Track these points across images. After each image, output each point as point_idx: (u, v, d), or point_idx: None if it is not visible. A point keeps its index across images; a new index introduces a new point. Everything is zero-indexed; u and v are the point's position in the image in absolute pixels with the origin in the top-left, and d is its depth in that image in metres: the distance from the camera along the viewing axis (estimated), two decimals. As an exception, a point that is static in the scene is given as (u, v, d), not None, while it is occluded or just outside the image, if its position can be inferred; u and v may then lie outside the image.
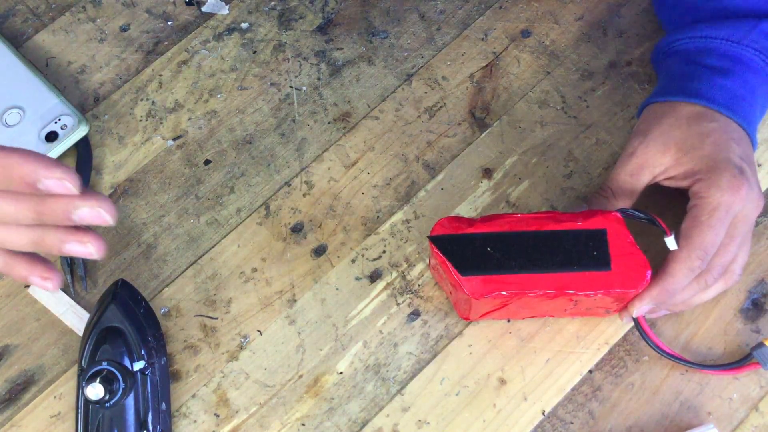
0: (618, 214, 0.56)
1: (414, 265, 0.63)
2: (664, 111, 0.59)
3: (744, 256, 0.58)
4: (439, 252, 0.55)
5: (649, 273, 0.54)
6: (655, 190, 0.60)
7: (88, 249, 0.45)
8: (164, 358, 0.60)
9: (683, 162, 0.57)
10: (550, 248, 0.55)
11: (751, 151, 0.58)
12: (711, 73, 0.59)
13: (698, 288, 0.57)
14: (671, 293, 0.55)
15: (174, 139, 0.68)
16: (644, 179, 0.59)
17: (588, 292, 0.54)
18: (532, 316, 0.61)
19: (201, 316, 0.63)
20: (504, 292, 0.54)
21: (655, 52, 0.65)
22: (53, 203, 0.43)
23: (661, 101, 0.60)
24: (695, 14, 0.62)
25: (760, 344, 0.58)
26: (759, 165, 0.66)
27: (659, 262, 0.56)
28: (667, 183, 0.59)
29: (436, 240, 0.55)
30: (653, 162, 0.58)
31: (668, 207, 0.60)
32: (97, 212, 0.44)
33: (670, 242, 0.55)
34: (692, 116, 0.58)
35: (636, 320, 0.58)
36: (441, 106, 0.69)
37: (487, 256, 0.55)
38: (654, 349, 0.58)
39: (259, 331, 0.62)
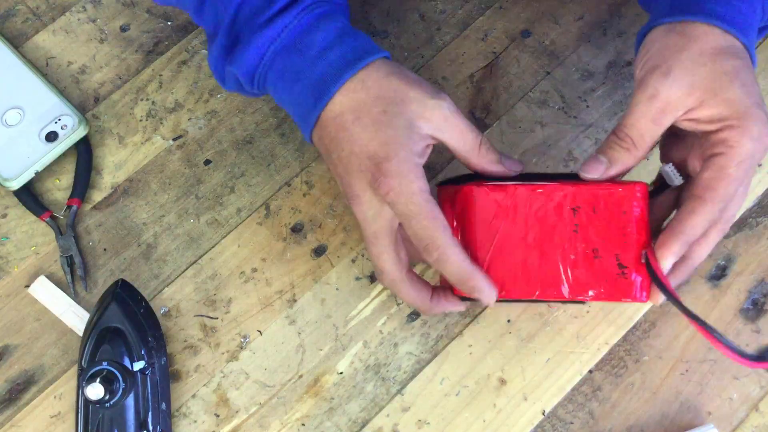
0: (644, 187, 0.53)
1: (414, 265, 0.63)
2: (683, 43, 0.52)
3: (742, 203, 0.54)
4: (446, 186, 0.56)
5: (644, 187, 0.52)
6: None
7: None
8: (164, 358, 0.60)
9: (710, 105, 0.51)
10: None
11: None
12: None
13: (712, 240, 0.53)
14: (688, 244, 0.52)
15: (174, 139, 0.68)
16: (666, 124, 0.52)
17: (588, 187, 0.52)
18: (540, 254, 0.54)
19: (201, 316, 0.63)
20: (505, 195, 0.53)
21: None
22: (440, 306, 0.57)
23: (671, 22, 0.53)
24: None
25: None
26: (759, 165, 0.66)
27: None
28: (686, 125, 0.53)
29: (445, 182, 0.57)
30: (677, 104, 0.52)
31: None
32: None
33: (673, 174, 0.53)
34: (717, 52, 0.52)
35: (649, 263, 0.52)
36: (441, 106, 0.69)
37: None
38: (670, 300, 0.51)
39: (259, 331, 0.62)
